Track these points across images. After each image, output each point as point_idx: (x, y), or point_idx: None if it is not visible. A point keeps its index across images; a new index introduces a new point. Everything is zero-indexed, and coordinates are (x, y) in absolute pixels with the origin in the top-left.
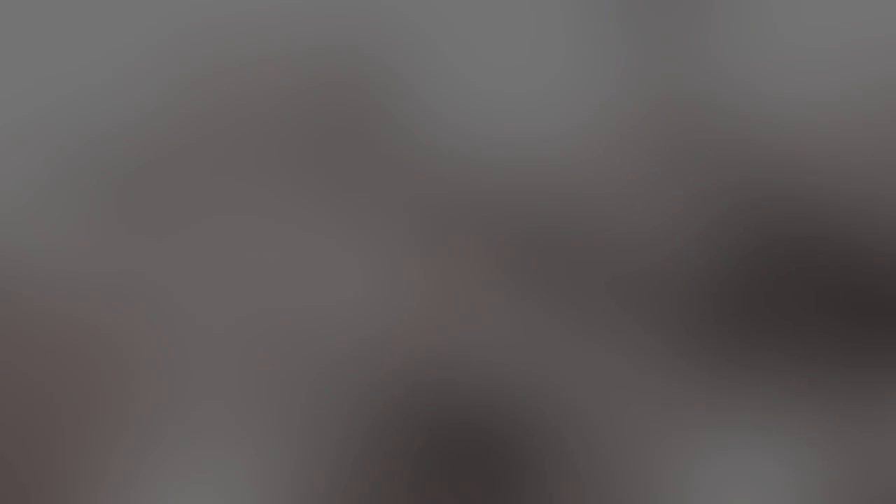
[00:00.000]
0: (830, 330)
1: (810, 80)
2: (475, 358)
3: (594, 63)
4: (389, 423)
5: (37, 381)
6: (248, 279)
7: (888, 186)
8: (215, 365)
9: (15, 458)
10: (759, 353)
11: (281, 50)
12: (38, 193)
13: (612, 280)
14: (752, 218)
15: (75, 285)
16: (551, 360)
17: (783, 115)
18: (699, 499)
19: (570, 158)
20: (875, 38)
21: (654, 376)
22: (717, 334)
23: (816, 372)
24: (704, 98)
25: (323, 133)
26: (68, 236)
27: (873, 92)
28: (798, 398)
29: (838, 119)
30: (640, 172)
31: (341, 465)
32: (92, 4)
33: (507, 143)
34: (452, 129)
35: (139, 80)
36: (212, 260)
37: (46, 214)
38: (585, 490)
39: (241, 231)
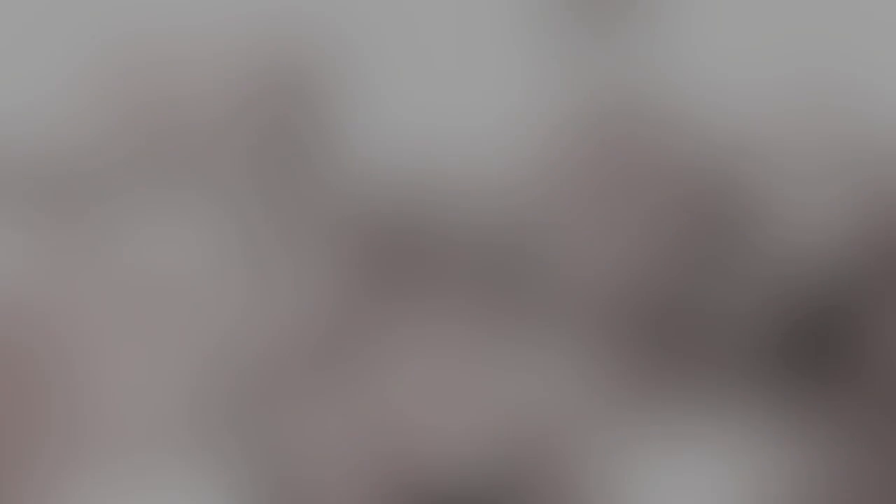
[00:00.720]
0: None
1: (749, 88)
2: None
3: (529, 79)
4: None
5: None
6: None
7: (827, 196)
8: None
9: None
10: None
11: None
12: None
13: (549, 298)
14: (690, 231)
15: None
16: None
17: (721, 127)
18: None
19: (505, 176)
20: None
21: (590, 392)
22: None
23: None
24: (640, 110)
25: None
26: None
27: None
28: (728, 411)
29: (779, 128)
30: (576, 188)
31: None
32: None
33: (440, 162)
34: (389, 152)
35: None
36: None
37: None
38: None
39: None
